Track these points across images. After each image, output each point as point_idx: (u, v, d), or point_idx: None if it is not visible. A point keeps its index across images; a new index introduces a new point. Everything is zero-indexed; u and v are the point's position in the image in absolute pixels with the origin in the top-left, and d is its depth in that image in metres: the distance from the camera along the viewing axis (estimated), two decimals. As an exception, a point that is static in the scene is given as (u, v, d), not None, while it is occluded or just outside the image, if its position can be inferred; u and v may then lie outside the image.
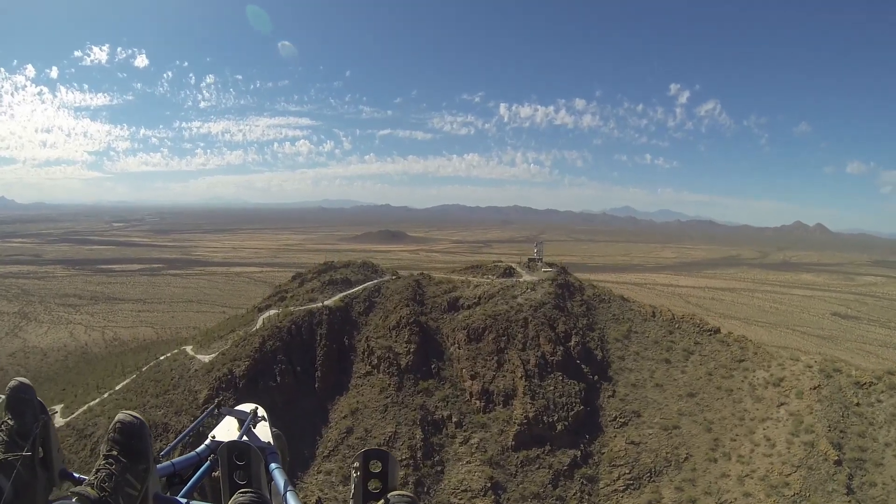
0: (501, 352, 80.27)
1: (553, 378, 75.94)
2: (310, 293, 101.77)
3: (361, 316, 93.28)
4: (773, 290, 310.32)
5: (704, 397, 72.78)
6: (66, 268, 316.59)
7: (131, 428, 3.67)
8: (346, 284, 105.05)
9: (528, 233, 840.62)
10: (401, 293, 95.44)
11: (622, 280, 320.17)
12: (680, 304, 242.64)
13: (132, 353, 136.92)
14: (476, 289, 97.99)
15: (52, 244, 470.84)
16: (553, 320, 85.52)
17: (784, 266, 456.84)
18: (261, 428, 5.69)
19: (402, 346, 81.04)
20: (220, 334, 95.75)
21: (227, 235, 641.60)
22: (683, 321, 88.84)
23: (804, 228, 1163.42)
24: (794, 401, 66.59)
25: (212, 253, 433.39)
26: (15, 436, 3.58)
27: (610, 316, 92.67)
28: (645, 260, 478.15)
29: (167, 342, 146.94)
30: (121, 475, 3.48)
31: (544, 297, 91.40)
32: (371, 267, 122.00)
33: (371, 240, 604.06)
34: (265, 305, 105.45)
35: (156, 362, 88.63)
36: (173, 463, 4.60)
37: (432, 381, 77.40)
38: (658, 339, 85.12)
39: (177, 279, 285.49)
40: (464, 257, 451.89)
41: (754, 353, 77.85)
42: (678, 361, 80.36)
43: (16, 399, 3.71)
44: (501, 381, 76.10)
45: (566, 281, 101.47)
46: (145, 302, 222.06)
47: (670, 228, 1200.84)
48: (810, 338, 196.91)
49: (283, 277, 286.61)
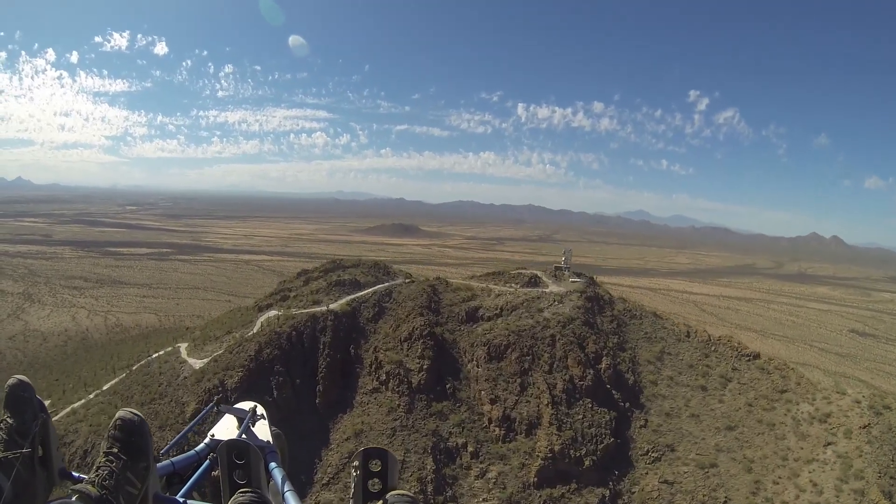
0: (525, 373, 73.20)
1: (581, 405, 69.19)
2: (314, 294, 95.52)
3: (370, 323, 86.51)
4: (789, 301, 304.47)
5: (744, 431, 66.09)
6: (75, 249, 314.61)
7: (132, 425, 3.67)
8: (355, 286, 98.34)
9: (542, 232, 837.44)
10: (414, 299, 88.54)
11: (636, 284, 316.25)
12: (694, 312, 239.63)
13: (131, 341, 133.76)
14: (498, 298, 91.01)
15: (64, 225, 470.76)
16: (583, 339, 78.51)
17: (799, 277, 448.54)
18: (260, 426, 5.60)
19: (415, 362, 74.05)
20: (215, 334, 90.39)
21: (239, 222, 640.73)
22: (720, 343, 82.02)
23: (820, 240, 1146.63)
24: (841, 440, 60.10)
25: (222, 239, 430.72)
26: (14, 434, 3.56)
27: (642, 334, 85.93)
28: (659, 265, 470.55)
29: (167, 331, 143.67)
30: (121, 473, 3.47)
31: (573, 312, 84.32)
32: (382, 268, 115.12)
33: (384, 232, 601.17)
34: (266, 304, 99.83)
35: (147, 361, 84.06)
36: (172, 462, 4.53)
37: (447, 404, 70.28)
38: (693, 363, 78.61)
39: (185, 265, 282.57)
40: (476, 254, 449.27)
41: (797, 384, 71.12)
42: (715, 389, 73.69)
43: (15, 397, 3.68)
44: (525, 407, 69.15)
45: (596, 294, 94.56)
46: (151, 287, 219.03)
47: (685, 234, 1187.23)
48: (828, 355, 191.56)
49: (293, 267, 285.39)
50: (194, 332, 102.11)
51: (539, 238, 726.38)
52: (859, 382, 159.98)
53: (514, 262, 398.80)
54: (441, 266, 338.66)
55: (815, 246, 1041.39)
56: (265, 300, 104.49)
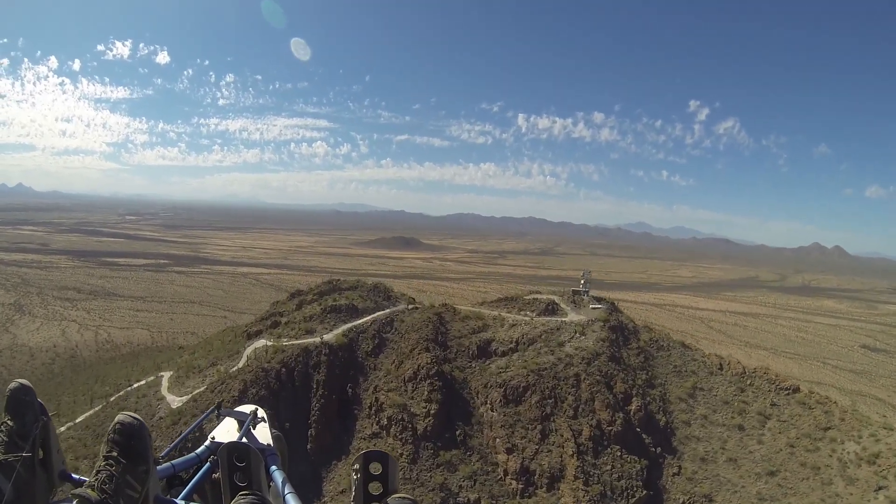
0: (547, 419, 66.24)
1: (610, 454, 62.53)
2: (307, 321, 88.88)
3: (369, 357, 79.58)
4: (797, 316, 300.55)
5: (787, 476, 59.88)
6: (72, 259, 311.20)
7: (131, 429, 3.66)
8: (352, 313, 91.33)
9: (543, 245, 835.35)
10: (419, 330, 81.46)
11: (641, 300, 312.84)
12: (703, 329, 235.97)
13: (120, 360, 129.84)
14: (512, 329, 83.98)
15: (62, 234, 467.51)
16: (610, 377, 71.89)
17: (804, 290, 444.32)
18: (260, 429, 5.64)
19: (421, 406, 66.90)
20: (200, 364, 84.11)
21: (239, 234, 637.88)
22: (756, 376, 75.84)
23: (822, 250, 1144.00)
24: (893, 484, 54.23)
25: (221, 251, 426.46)
26: (15, 437, 3.58)
27: (671, 368, 79.59)
28: (662, 278, 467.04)
29: (157, 350, 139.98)
30: (121, 476, 3.47)
31: (598, 346, 77.57)
32: (383, 291, 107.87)
33: (385, 245, 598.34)
34: (255, 331, 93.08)
35: (126, 392, 78.71)
36: (173, 464, 4.52)
37: (456, 453, 63.10)
38: (728, 399, 72.39)
39: (181, 277, 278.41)
40: (479, 268, 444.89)
41: (841, 420, 64.96)
42: (753, 428, 67.44)
43: (16, 400, 3.70)
44: (546, 458, 62.07)
45: (620, 322, 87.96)
46: (145, 300, 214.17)
47: (686, 246, 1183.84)
48: (843, 372, 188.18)
49: (291, 281, 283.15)
50: (181, 357, 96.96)
51: (541, 251, 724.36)
52: (877, 401, 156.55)
53: (517, 276, 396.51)
54: (443, 281, 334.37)
55: (818, 256, 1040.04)
56: (255, 325, 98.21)
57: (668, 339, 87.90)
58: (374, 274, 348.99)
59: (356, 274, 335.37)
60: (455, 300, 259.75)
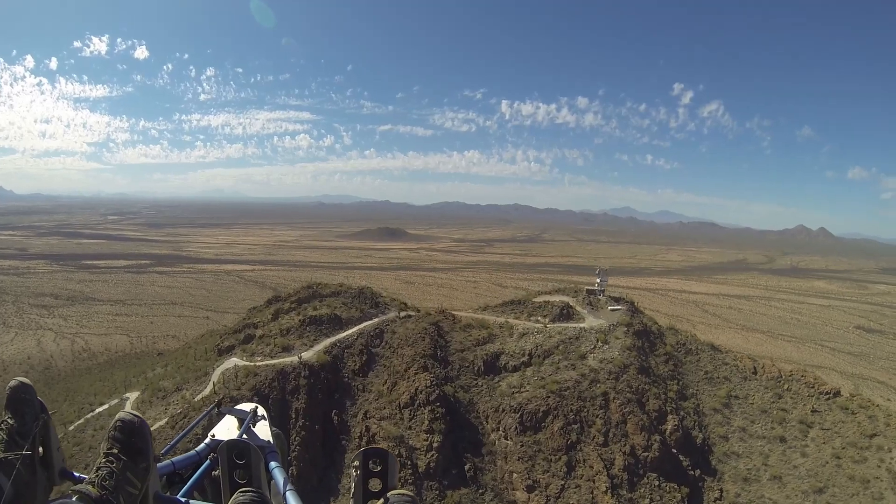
0: (572, 448, 58.13)
1: (647, 484, 55.38)
2: (284, 335, 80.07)
3: (357, 377, 70.67)
4: (789, 298, 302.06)
5: (836, 493, 54.95)
6: (50, 263, 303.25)
7: (131, 426, 3.71)
8: (335, 324, 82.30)
9: (530, 232, 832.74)
10: (414, 344, 72.33)
11: (633, 285, 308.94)
12: (697, 313, 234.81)
13: (97, 370, 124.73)
14: (523, 339, 75.53)
15: (42, 237, 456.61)
16: (641, 393, 64.14)
17: (793, 272, 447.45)
18: (261, 427, 5.67)
19: (421, 438, 57.99)
20: (166, 388, 76.09)
21: (222, 230, 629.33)
22: (793, 380, 71.02)
23: (807, 232, 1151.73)
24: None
25: (204, 249, 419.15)
26: (15, 435, 3.58)
27: (702, 375, 73.67)
28: (652, 263, 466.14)
29: (135, 358, 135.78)
30: (121, 473, 3.51)
31: (624, 356, 69.61)
32: (369, 297, 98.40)
33: (370, 237, 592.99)
34: (227, 347, 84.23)
35: (85, 420, 71.96)
36: (173, 462, 4.54)
37: (467, 492, 54.43)
38: (766, 407, 67.19)
39: (162, 277, 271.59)
40: (466, 257, 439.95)
41: (886, 425, 60.56)
42: (795, 439, 62.50)
43: (16, 399, 3.71)
44: (574, 495, 53.93)
45: (644, 325, 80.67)
46: (125, 303, 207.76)
47: (672, 230, 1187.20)
48: (841, 355, 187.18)
49: (276, 278, 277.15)
50: (153, 371, 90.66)
51: (527, 238, 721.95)
52: (879, 384, 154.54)
53: (505, 264, 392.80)
54: (430, 272, 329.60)
55: (804, 238, 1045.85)
56: (227, 338, 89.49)
57: (695, 342, 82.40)
58: (360, 266, 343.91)
59: (342, 268, 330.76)
60: (444, 292, 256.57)
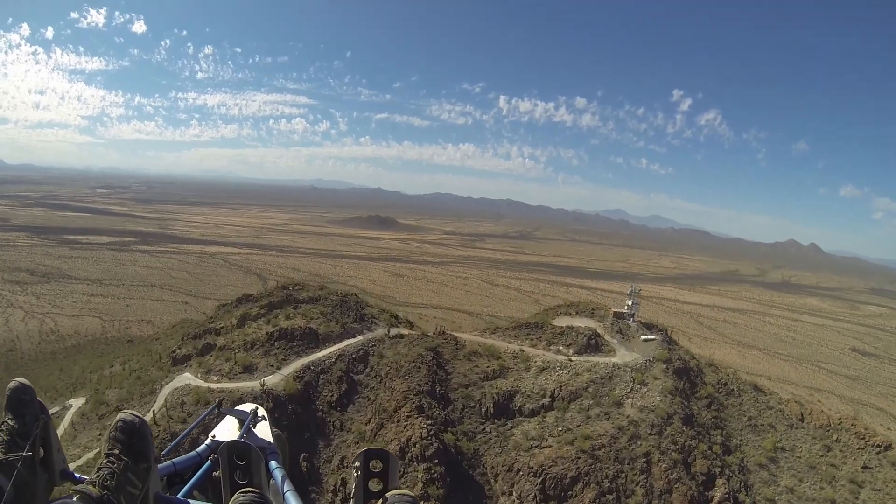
0: None
1: None
2: (248, 349, 67.25)
3: (333, 411, 58.24)
4: (783, 314, 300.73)
5: None
6: (30, 236, 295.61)
7: (132, 426, 3.71)
8: (310, 341, 68.73)
9: (522, 228, 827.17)
10: (407, 376, 59.49)
11: (627, 291, 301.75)
12: (693, 325, 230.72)
13: (62, 354, 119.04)
14: (543, 375, 64.24)
15: (26, 208, 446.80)
16: (688, 451, 54.69)
17: (785, 287, 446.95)
18: (261, 427, 5.68)
19: None
20: (109, 401, 64.82)
21: (212, 209, 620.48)
22: (842, 429, 64.34)
23: (798, 247, 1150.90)
24: None
25: (191, 228, 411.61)
26: (15, 436, 3.62)
27: (745, 421, 65.84)
28: (645, 268, 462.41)
29: (104, 344, 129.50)
30: (122, 474, 3.52)
31: (667, 403, 60.15)
32: (353, 307, 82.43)
33: (360, 224, 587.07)
34: (183, 356, 71.87)
35: None
36: (174, 462, 4.59)
37: None
38: (814, 462, 60.49)
39: (145, 257, 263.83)
40: (457, 251, 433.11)
41: None
42: (846, 502, 55.85)
43: (16, 400, 3.75)
44: None
45: (683, 362, 71.41)
46: (102, 283, 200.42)
47: (664, 235, 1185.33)
48: (838, 377, 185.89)
49: (261, 262, 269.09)
50: (109, 369, 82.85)
51: (519, 235, 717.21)
52: (878, 411, 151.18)
53: (497, 261, 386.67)
54: (420, 265, 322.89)
55: (794, 253, 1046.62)
56: (184, 344, 77.29)
57: (737, 381, 74.78)
58: (349, 255, 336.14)
59: (330, 255, 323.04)
60: (433, 287, 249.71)
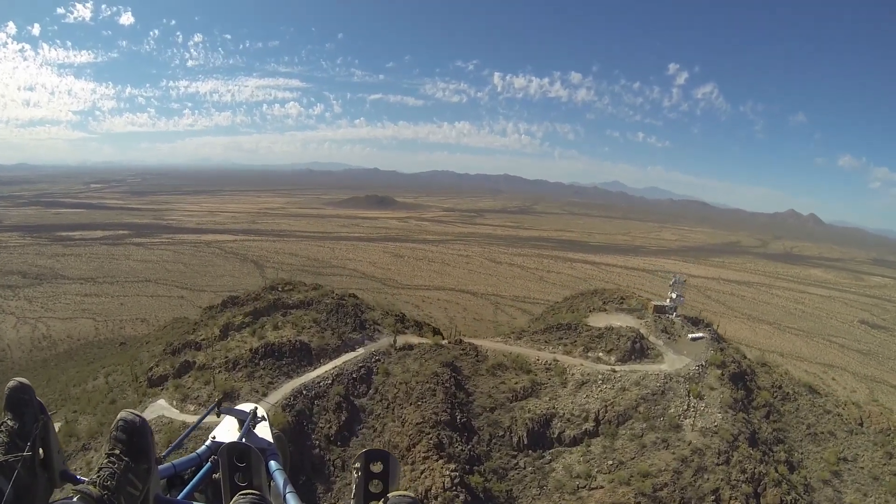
0: None
1: None
2: (230, 369, 58.86)
3: (333, 446, 49.28)
4: (790, 286, 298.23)
5: None
6: (23, 235, 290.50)
7: (133, 426, 3.69)
8: (302, 357, 59.71)
9: (520, 203, 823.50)
10: (420, 402, 49.96)
11: (630, 265, 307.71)
12: (701, 299, 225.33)
13: (53, 362, 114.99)
14: (583, 392, 55.36)
15: (19, 208, 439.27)
16: (758, 480, 47.96)
17: (788, 258, 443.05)
18: (261, 428, 5.62)
19: None
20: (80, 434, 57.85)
21: (207, 198, 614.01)
22: None
23: (798, 217, 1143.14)
24: None
25: (186, 217, 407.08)
26: (15, 437, 3.59)
27: (804, 430, 60.44)
28: (646, 241, 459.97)
29: (98, 347, 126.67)
30: (123, 474, 3.51)
31: (729, 422, 52.61)
32: (352, 311, 71.72)
33: (358, 205, 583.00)
34: (160, 377, 63.76)
35: None
36: (174, 464, 4.54)
37: None
38: (878, 473, 55.63)
39: (139, 250, 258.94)
40: (457, 228, 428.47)
41: None
42: None
43: (16, 400, 3.71)
44: None
45: (738, 365, 64.65)
46: (95, 281, 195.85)
47: (663, 207, 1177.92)
48: (850, 352, 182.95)
49: (257, 249, 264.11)
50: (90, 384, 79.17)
51: (519, 209, 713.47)
52: (892, 389, 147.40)
53: (498, 237, 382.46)
54: (420, 244, 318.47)
55: (794, 223, 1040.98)
56: (162, 360, 68.42)
57: (791, 382, 69.22)
58: (347, 237, 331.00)
59: (328, 238, 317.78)
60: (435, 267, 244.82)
